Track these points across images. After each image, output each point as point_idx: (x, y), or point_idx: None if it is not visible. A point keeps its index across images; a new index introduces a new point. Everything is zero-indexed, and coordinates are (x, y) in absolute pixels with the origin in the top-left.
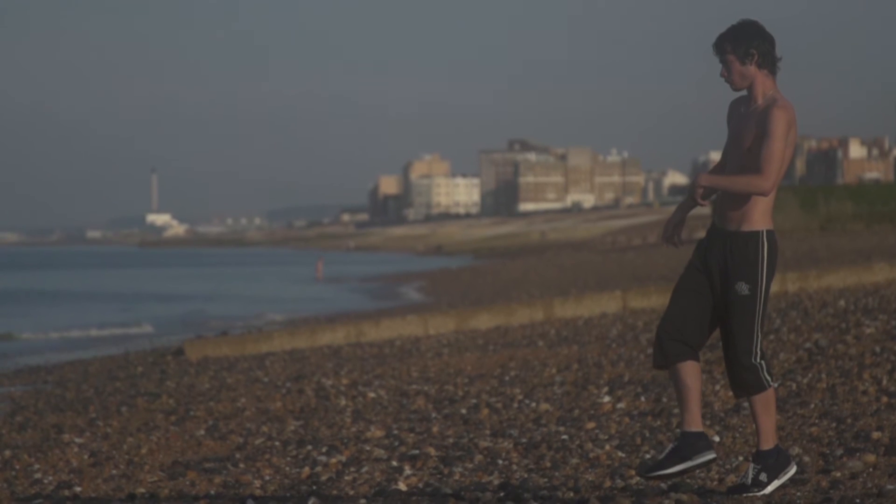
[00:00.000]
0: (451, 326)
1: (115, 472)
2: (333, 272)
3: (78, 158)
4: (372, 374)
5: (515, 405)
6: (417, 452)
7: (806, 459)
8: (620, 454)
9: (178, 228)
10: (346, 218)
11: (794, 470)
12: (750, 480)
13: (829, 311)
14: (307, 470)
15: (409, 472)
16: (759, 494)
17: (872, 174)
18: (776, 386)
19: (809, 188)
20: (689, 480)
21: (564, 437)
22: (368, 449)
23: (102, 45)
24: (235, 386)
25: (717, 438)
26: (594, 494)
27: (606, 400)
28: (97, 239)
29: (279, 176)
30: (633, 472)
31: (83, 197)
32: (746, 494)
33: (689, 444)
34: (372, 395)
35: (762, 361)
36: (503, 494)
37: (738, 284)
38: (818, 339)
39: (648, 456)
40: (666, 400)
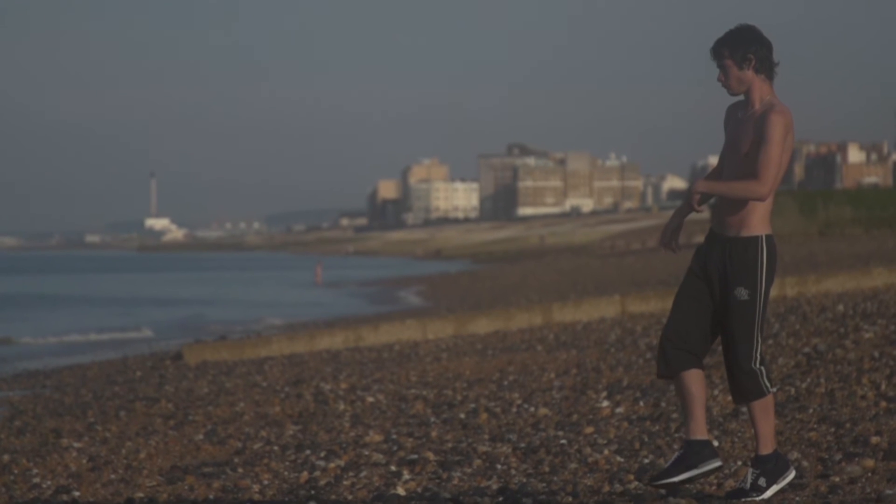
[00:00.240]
0: (449, 331)
1: (113, 476)
2: (332, 277)
3: (77, 163)
4: (371, 378)
5: (514, 410)
6: (416, 457)
7: (805, 464)
8: (619, 459)
9: (176, 233)
10: (344, 222)
11: (792, 475)
12: (749, 485)
13: (827, 315)
14: (306, 474)
15: (407, 476)
16: (757, 499)
17: (871, 179)
18: (775, 391)
19: (808, 193)
20: (687, 485)
21: (563, 441)
22: (367, 453)
23: (101, 48)
24: (234, 390)
25: (716, 443)
26: (593, 499)
27: (605, 405)
28: (96, 243)
29: (278, 180)
30: (631, 476)
31: (82, 201)
32: (745, 499)
33: (694, 452)
34: (371, 399)
35: (762, 367)
36: (502, 499)
37: (737, 290)
38: (817, 343)
39: (647, 461)
40: (664, 405)
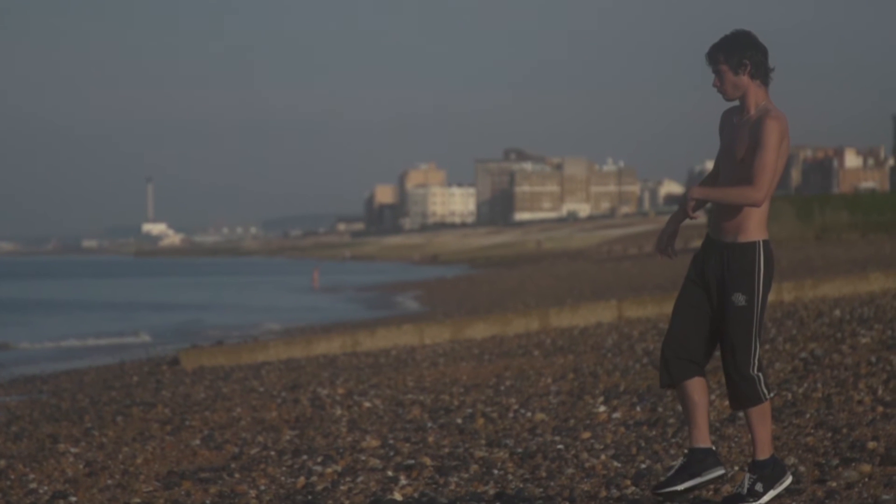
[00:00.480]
0: (446, 336)
1: (110, 482)
2: (329, 281)
3: (74, 168)
4: (367, 383)
5: (511, 415)
6: (413, 462)
7: (801, 469)
8: (616, 464)
9: (173, 238)
10: (341, 227)
11: (789, 480)
12: (746, 490)
13: (824, 320)
14: (302, 480)
15: (404, 482)
16: None
17: (868, 184)
18: (772, 396)
19: (805, 197)
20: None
21: (560, 446)
22: (364, 459)
23: (98, 53)
24: (231, 395)
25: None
26: None
27: (602, 410)
28: (93, 248)
29: (275, 185)
30: (628, 481)
31: (79, 206)
32: None
33: (697, 460)
34: (367, 404)
35: (760, 373)
36: None
37: (734, 295)
38: (814, 348)
39: (644, 466)
40: (661, 410)
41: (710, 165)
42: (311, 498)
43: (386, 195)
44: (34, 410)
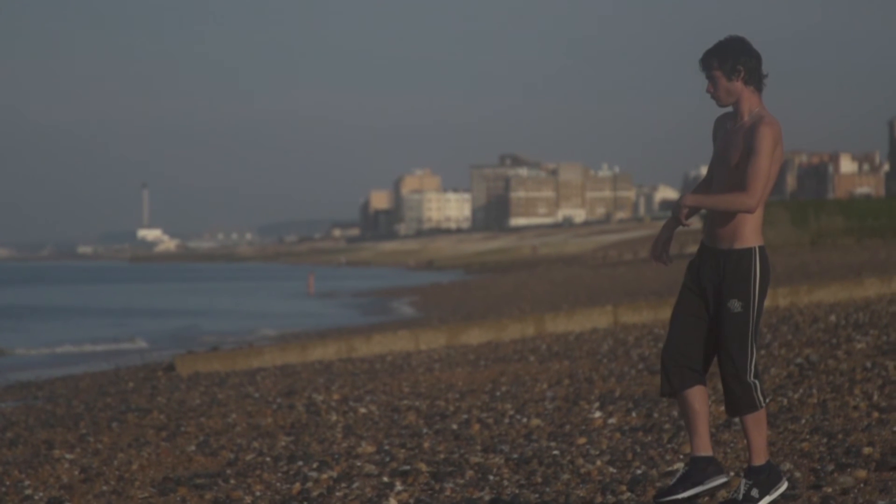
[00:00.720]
0: (442, 341)
1: (105, 488)
2: (325, 287)
3: (69, 173)
4: (363, 389)
5: (506, 420)
6: (408, 468)
7: (797, 475)
8: (612, 469)
9: (169, 243)
10: (337, 233)
11: (785, 486)
12: (741, 496)
13: (819, 326)
14: (298, 486)
15: (400, 487)
16: None
17: (863, 189)
18: (767, 402)
19: (800, 203)
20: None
21: (555, 452)
22: (359, 464)
23: (93, 59)
24: (226, 401)
25: None
26: None
27: (597, 415)
28: (88, 254)
29: (270, 191)
30: (624, 487)
31: (74, 212)
32: None
33: (699, 468)
34: (363, 410)
35: (756, 380)
36: None
37: (730, 302)
38: (809, 354)
39: (640, 471)
40: (657, 415)
41: (704, 171)
42: None
43: (381, 201)
44: (29, 416)
